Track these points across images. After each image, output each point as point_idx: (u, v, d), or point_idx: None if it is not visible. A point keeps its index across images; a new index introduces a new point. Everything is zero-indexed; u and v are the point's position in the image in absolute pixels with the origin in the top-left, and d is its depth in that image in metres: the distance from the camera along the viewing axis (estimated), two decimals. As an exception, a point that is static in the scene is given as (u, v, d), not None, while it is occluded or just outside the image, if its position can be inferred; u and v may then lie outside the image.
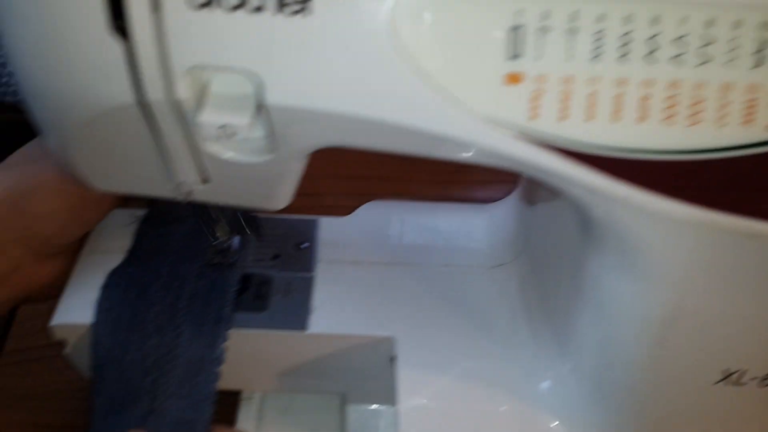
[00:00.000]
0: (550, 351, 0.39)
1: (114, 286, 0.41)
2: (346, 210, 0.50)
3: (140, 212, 0.47)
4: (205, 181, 0.33)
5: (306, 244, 0.46)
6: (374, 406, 0.47)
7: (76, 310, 0.41)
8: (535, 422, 0.38)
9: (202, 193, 0.35)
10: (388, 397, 0.46)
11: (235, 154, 0.31)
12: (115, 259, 0.43)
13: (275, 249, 0.46)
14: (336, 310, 0.43)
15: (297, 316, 0.42)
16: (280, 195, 0.35)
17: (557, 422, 0.38)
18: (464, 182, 0.68)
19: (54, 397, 0.49)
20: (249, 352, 0.42)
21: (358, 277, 0.45)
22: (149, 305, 0.40)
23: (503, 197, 0.50)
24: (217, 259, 0.44)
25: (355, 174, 0.64)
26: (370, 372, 0.44)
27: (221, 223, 0.43)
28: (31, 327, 0.53)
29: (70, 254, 0.43)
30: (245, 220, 0.43)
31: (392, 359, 0.42)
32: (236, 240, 0.44)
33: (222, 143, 0.31)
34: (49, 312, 0.54)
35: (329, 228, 0.48)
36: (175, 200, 0.38)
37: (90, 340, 0.39)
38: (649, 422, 0.37)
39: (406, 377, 0.39)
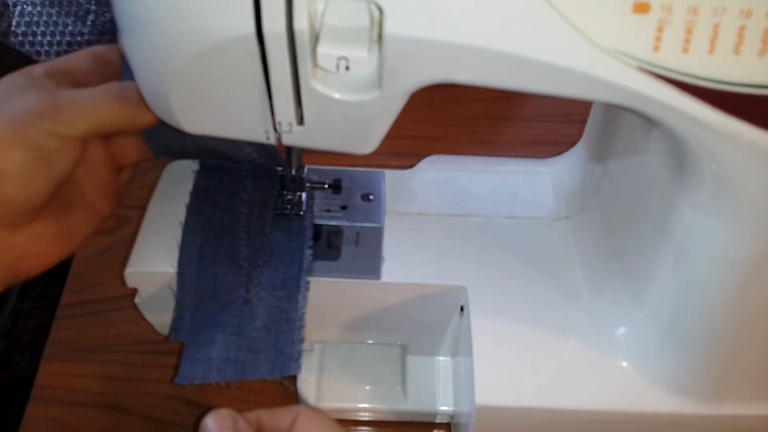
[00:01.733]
0: (623, 299, 0.40)
1: (194, 219, 0.42)
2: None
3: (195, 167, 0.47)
4: (300, 122, 0.34)
5: (372, 196, 0.47)
6: (434, 358, 0.48)
7: (149, 258, 0.42)
8: (607, 366, 0.39)
9: (294, 136, 0.35)
10: (448, 348, 0.47)
11: (341, 91, 0.31)
12: (182, 210, 0.44)
13: (343, 200, 0.47)
14: (406, 259, 0.43)
15: (369, 265, 0.43)
16: (372, 138, 0.35)
17: (626, 364, 0.39)
18: (509, 144, 0.69)
19: (113, 350, 0.50)
20: (319, 301, 0.43)
21: (425, 228, 0.46)
22: (236, 241, 0.41)
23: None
24: (288, 210, 0.45)
25: (404, 134, 0.65)
26: (434, 322, 0.46)
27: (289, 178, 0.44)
28: (84, 281, 0.54)
29: (50, 218, 0.36)
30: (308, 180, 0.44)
31: (462, 309, 0.44)
32: (304, 193, 0.45)
33: (329, 81, 0.32)
34: (102, 267, 0.55)
35: (394, 180, 0.49)
36: (260, 145, 0.39)
37: (177, 272, 0.40)
38: (721, 364, 0.38)
39: (479, 326, 0.40)
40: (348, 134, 0.35)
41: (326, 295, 0.43)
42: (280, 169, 0.45)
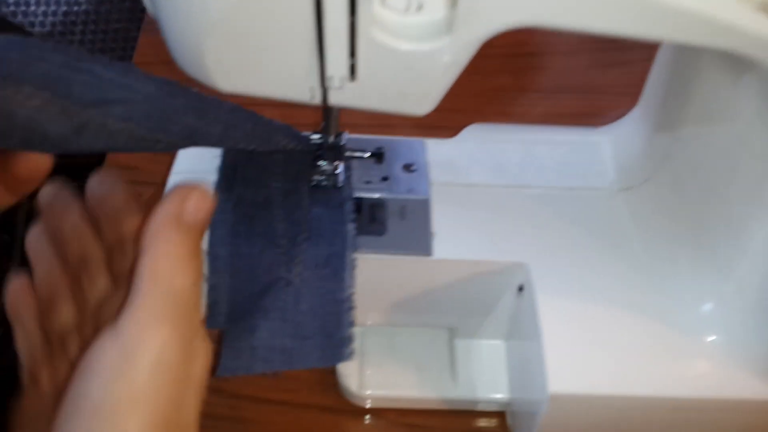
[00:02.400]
0: (705, 274, 0.37)
1: (224, 197, 0.38)
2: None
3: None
4: (352, 77, 0.30)
5: (415, 167, 0.43)
6: (485, 341, 0.45)
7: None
8: (691, 348, 0.36)
9: (343, 94, 0.31)
10: (500, 331, 0.44)
11: (406, 38, 0.27)
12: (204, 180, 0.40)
13: (383, 171, 0.43)
14: (459, 234, 0.40)
15: (419, 240, 0.39)
16: (433, 95, 0.31)
17: (713, 345, 0.36)
18: (540, 116, 0.65)
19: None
20: (361, 280, 0.39)
21: (475, 201, 0.42)
22: (271, 218, 0.37)
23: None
24: (324, 182, 0.41)
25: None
26: (488, 303, 0.42)
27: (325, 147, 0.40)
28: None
29: None
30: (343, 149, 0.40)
31: (521, 288, 0.40)
32: (342, 163, 0.41)
33: (393, 27, 0.28)
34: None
35: (436, 150, 0.45)
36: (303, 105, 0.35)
37: (208, 253, 0.36)
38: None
39: (546, 306, 0.37)
40: (406, 91, 0.31)
41: (370, 274, 0.39)
42: (315, 137, 0.41)
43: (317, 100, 0.32)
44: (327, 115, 0.39)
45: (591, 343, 0.36)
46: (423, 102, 0.32)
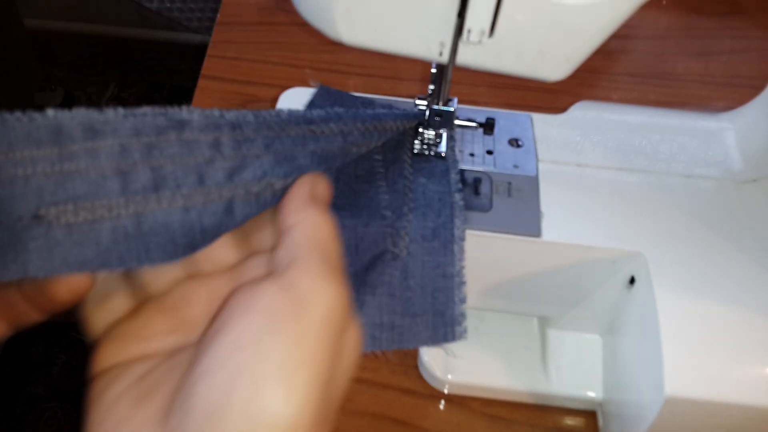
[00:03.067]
0: None
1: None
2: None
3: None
4: (492, 32, 0.28)
5: (521, 142, 0.41)
6: (581, 334, 0.42)
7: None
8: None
9: (476, 51, 0.29)
10: (600, 325, 0.41)
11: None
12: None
13: (488, 144, 0.41)
14: (569, 217, 0.37)
15: (527, 220, 0.37)
16: (574, 58, 0.29)
17: None
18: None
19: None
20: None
21: (586, 182, 0.39)
22: (374, 189, 0.35)
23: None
24: (426, 151, 0.39)
25: (516, 83, 0.58)
26: (592, 293, 0.39)
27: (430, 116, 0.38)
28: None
29: None
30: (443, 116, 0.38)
31: (632, 280, 0.37)
32: (446, 131, 0.39)
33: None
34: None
35: (544, 125, 0.42)
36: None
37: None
38: None
39: (665, 302, 0.34)
40: (547, 51, 0.28)
41: (471, 251, 0.37)
42: (420, 103, 0.39)
43: (445, 56, 0.30)
44: (439, 78, 0.36)
45: (712, 344, 0.33)
46: (562, 65, 0.29)
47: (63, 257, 0.23)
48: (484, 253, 0.37)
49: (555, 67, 0.29)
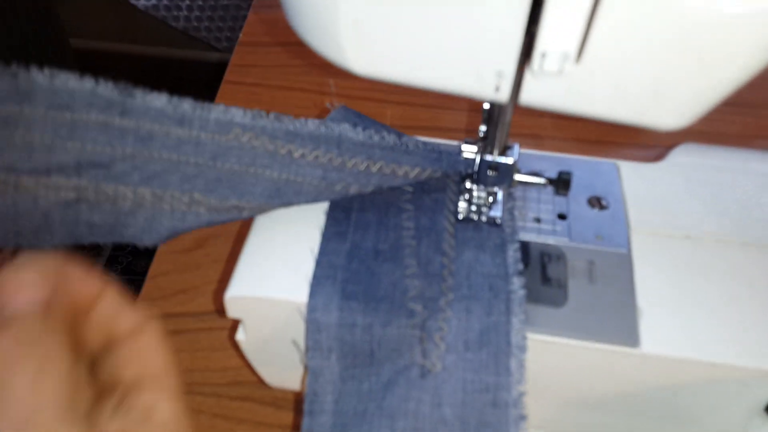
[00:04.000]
0: None
1: (333, 247, 0.27)
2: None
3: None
4: (579, 56, 0.18)
5: (606, 201, 0.30)
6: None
7: (264, 281, 0.27)
8: None
9: (548, 86, 0.19)
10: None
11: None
12: (304, 215, 0.29)
13: (560, 205, 0.30)
14: (677, 315, 0.26)
15: (617, 320, 0.26)
16: (706, 98, 0.18)
17: None
18: (740, 137, 0.50)
19: (199, 391, 0.36)
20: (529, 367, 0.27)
21: (701, 262, 0.28)
22: (400, 272, 0.25)
23: None
24: (474, 214, 0.29)
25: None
26: (712, 420, 0.28)
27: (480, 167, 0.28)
28: (167, 286, 0.40)
29: None
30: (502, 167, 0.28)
31: (769, 408, 0.26)
32: (503, 190, 0.29)
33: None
34: (191, 267, 0.41)
35: (637, 178, 0.31)
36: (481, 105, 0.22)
37: (307, 320, 0.25)
38: None
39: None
40: (667, 86, 0.18)
41: (538, 361, 0.26)
42: (468, 150, 0.29)
43: (503, 93, 0.20)
44: (493, 118, 0.26)
45: None
46: (686, 109, 0.19)
47: None
48: (554, 363, 0.27)
49: (676, 112, 0.19)
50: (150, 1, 0.96)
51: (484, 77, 0.20)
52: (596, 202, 0.30)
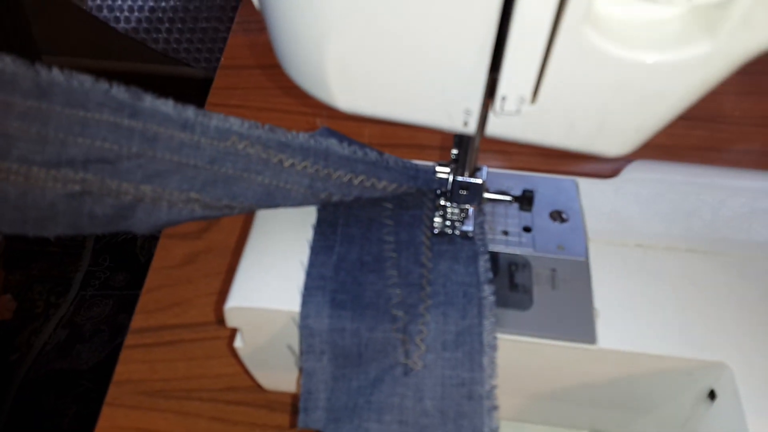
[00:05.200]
0: None
1: (321, 260, 0.29)
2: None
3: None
4: (534, 98, 0.21)
5: (566, 215, 0.34)
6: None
7: (262, 292, 0.30)
8: None
9: (513, 122, 0.22)
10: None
11: (641, 44, 0.18)
12: (294, 230, 0.32)
13: (524, 219, 0.34)
14: (629, 315, 0.30)
15: (578, 320, 0.29)
16: (645, 129, 0.22)
17: None
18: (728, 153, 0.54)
19: (196, 397, 0.38)
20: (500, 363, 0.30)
21: (650, 268, 0.32)
22: (383, 282, 0.28)
23: None
24: (448, 228, 0.32)
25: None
26: (657, 407, 0.32)
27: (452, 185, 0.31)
28: (162, 299, 0.43)
29: None
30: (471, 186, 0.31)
31: (712, 395, 0.30)
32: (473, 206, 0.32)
33: (614, 28, 0.18)
34: (184, 281, 0.44)
35: (591, 193, 0.35)
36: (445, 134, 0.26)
37: (301, 326, 0.28)
38: None
39: (758, 421, 0.26)
40: (610, 122, 0.22)
41: (505, 357, 0.29)
42: (441, 171, 0.32)
43: (471, 127, 0.23)
44: (463, 144, 0.30)
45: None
46: (628, 139, 0.22)
47: None
48: (525, 360, 0.30)
49: (619, 141, 0.22)
50: (130, 24, 0.98)
51: (454, 114, 0.23)
52: (557, 216, 0.34)
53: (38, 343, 1.23)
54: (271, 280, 0.30)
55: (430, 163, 0.33)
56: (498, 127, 0.23)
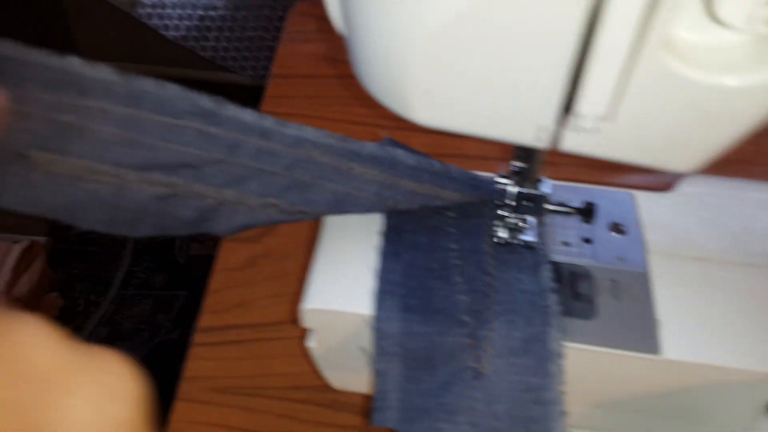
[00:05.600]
0: None
1: (390, 266, 0.31)
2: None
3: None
4: (611, 117, 0.22)
5: (624, 227, 0.35)
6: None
7: (336, 295, 0.31)
8: None
9: (587, 139, 0.23)
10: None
11: (709, 68, 0.19)
12: (361, 236, 0.33)
13: (584, 230, 0.35)
14: (691, 326, 0.31)
15: (640, 331, 0.30)
16: (714, 146, 0.23)
17: None
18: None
19: (263, 395, 0.40)
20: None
21: (709, 280, 0.32)
22: (450, 288, 0.30)
23: None
24: (510, 239, 0.33)
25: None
26: (721, 418, 0.32)
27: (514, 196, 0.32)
28: (226, 300, 0.45)
29: None
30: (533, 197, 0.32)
31: (771, 407, 0.30)
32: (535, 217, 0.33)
33: (690, 53, 0.19)
34: (246, 283, 0.45)
35: (650, 206, 0.36)
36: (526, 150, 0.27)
37: (375, 328, 0.29)
38: None
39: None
40: (680, 140, 0.23)
41: (570, 366, 0.31)
42: (502, 182, 0.33)
43: (543, 143, 0.24)
44: (528, 156, 0.31)
45: None
46: (696, 155, 0.23)
47: (35, 199, 0.26)
48: (584, 368, 0.31)
49: (688, 158, 0.23)
50: (179, 32, 1.02)
51: (527, 129, 0.24)
52: (616, 228, 0.35)
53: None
54: (344, 284, 0.31)
55: (489, 174, 0.34)
56: (571, 142, 0.24)
